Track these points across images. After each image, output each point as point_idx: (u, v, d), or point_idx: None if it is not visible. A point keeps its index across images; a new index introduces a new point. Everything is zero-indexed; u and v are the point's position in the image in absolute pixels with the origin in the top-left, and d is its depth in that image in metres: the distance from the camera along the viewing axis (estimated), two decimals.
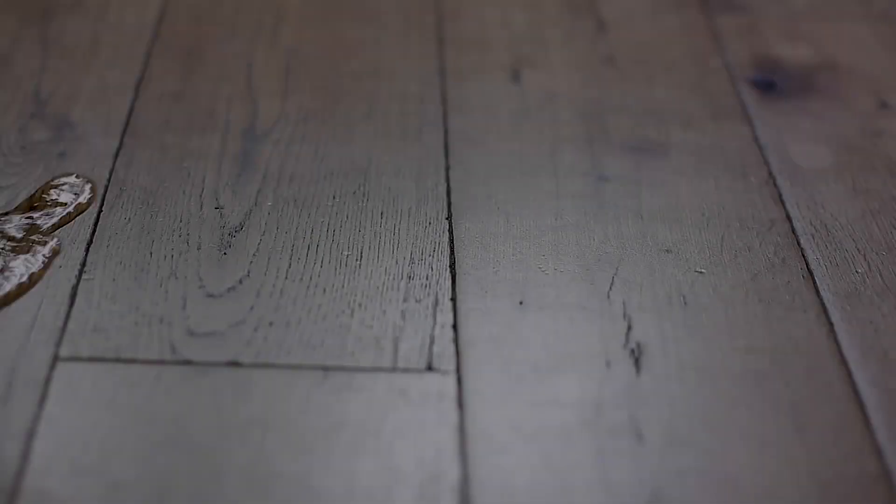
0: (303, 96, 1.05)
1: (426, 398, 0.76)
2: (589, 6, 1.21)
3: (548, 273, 0.86)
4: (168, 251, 0.87)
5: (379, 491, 0.70)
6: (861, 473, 0.73)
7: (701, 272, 0.87)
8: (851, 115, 1.06)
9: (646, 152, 0.99)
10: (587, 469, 0.72)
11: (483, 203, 0.93)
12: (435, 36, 1.15)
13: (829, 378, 0.79)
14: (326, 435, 0.73)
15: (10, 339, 0.79)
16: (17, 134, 0.99)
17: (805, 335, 0.82)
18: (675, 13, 1.20)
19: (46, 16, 1.14)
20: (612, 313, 0.83)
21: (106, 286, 0.84)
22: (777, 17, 1.20)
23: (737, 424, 0.75)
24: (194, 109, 1.02)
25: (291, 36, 1.13)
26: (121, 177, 0.94)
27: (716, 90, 1.08)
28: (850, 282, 0.87)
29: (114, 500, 0.69)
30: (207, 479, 0.71)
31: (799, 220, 0.92)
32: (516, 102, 1.06)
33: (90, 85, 1.05)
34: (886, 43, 1.17)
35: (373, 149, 0.99)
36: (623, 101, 1.06)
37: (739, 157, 0.99)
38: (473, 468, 0.72)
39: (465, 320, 0.82)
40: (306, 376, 0.77)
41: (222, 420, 0.74)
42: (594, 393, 0.77)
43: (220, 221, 0.90)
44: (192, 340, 0.80)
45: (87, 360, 0.78)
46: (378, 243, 0.89)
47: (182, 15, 1.16)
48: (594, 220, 0.92)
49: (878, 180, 0.97)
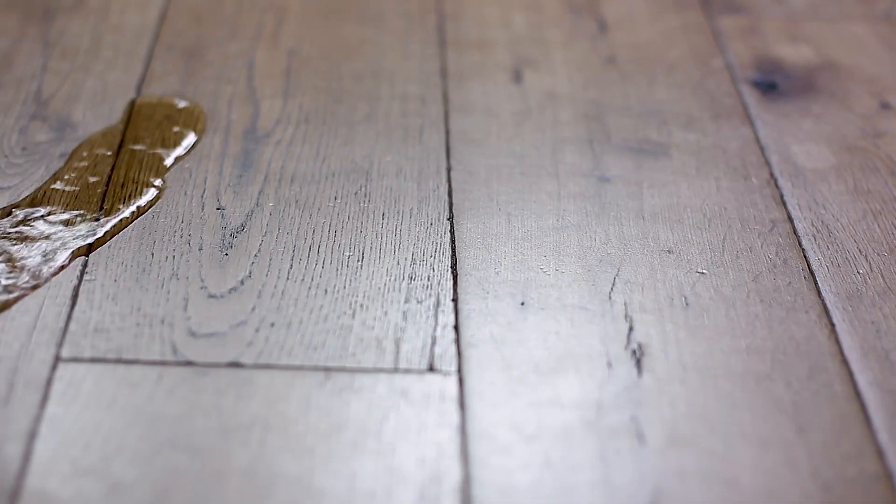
0: (304, 97, 1.05)
1: (428, 399, 0.76)
2: (590, 7, 1.21)
3: (549, 274, 0.86)
4: (169, 252, 0.87)
5: (380, 491, 0.70)
6: (862, 474, 0.73)
7: (702, 273, 0.87)
8: (853, 115, 1.06)
9: (647, 153, 0.99)
10: (588, 469, 0.72)
11: (484, 204, 0.93)
12: (436, 37, 1.15)
13: (831, 379, 0.79)
14: (328, 436, 0.73)
15: (11, 339, 0.79)
16: (18, 135, 0.99)
17: (806, 336, 0.82)
18: (676, 14, 1.20)
19: (47, 16, 1.14)
20: (614, 314, 0.83)
21: (107, 287, 0.84)
22: (778, 17, 1.20)
23: (738, 425, 0.75)
24: (195, 110, 1.02)
25: (292, 36, 1.13)
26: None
27: (717, 91, 1.08)
28: (851, 282, 0.87)
29: (115, 500, 0.69)
30: (209, 480, 0.71)
31: (800, 221, 0.92)
32: (518, 103, 1.06)
33: (91, 85, 1.05)
34: (887, 43, 1.17)
35: (374, 150, 0.99)
36: (624, 102, 1.06)
37: (741, 157, 0.99)
38: (475, 469, 0.72)
39: (467, 321, 0.82)
40: (308, 377, 0.77)
41: (223, 421, 0.74)
42: (595, 393, 0.77)
43: (221, 222, 0.90)
44: (193, 341, 0.80)
45: (89, 361, 0.78)
46: (379, 244, 0.89)
47: (183, 15, 1.16)
48: (595, 221, 0.92)
49: (880, 181, 0.97)
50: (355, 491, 0.70)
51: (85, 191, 0.93)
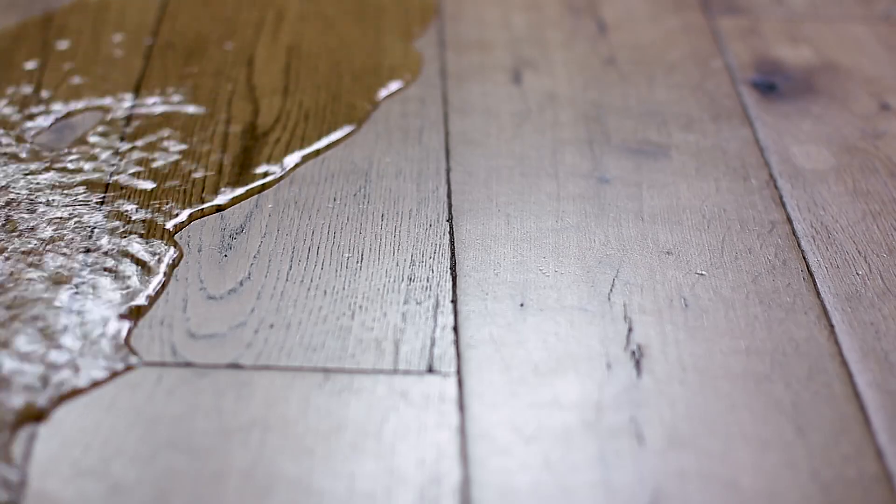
0: (303, 96, 1.05)
1: (427, 400, 0.76)
2: (589, 8, 1.21)
3: (548, 275, 0.86)
4: None
5: (380, 493, 0.70)
6: (861, 475, 0.73)
7: (701, 274, 0.87)
8: (852, 116, 1.06)
9: (646, 154, 0.99)
10: (588, 470, 0.72)
11: (484, 205, 0.93)
12: (436, 37, 1.15)
13: (830, 380, 0.79)
14: (327, 437, 0.74)
15: None
16: (17, 134, 0.99)
17: (806, 337, 0.82)
18: (675, 14, 1.20)
19: (47, 15, 1.14)
20: (613, 315, 0.83)
21: None
22: (778, 18, 1.21)
23: (737, 426, 0.75)
24: (194, 109, 1.02)
25: (292, 35, 1.13)
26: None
27: (716, 92, 1.08)
28: (850, 283, 0.87)
29: (115, 501, 0.69)
30: (208, 481, 0.71)
31: (799, 222, 0.93)
32: (517, 104, 1.06)
33: (91, 85, 1.05)
34: (887, 44, 1.17)
35: (373, 150, 0.99)
36: (624, 103, 1.06)
37: (740, 158, 1.00)
38: (474, 470, 0.72)
39: (466, 322, 0.82)
40: (307, 378, 0.77)
41: (223, 422, 0.74)
42: (595, 394, 0.77)
43: (220, 223, 0.90)
44: (192, 342, 0.80)
45: None
46: (379, 245, 0.89)
47: (182, 14, 1.16)
48: (595, 222, 0.92)
49: (879, 182, 0.98)
50: (355, 492, 0.70)
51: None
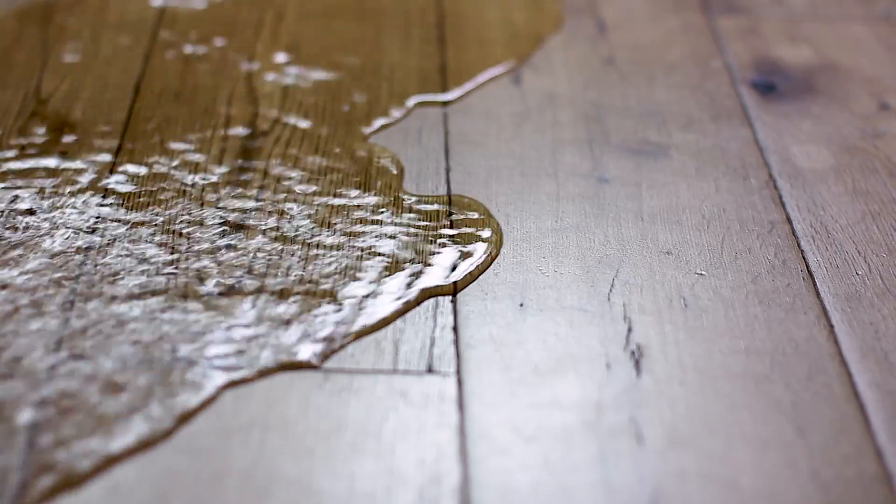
0: (303, 96, 1.05)
1: (427, 400, 0.76)
2: (589, 7, 1.21)
3: (548, 275, 0.86)
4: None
5: (379, 493, 0.70)
6: (861, 475, 0.73)
7: (701, 274, 0.87)
8: (852, 116, 1.06)
9: (646, 154, 0.99)
10: (588, 470, 0.72)
11: (483, 205, 0.93)
12: (436, 36, 1.15)
13: (830, 380, 0.79)
14: (327, 437, 0.74)
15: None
16: (17, 134, 0.99)
17: (805, 337, 0.82)
18: (675, 14, 1.20)
19: (46, 15, 1.14)
20: (613, 315, 0.83)
21: None
22: (777, 18, 1.21)
23: (737, 426, 0.75)
24: (194, 108, 1.02)
25: (292, 35, 1.13)
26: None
27: (716, 92, 1.08)
28: (850, 284, 0.87)
29: (115, 501, 0.69)
30: (208, 481, 0.71)
31: (799, 222, 0.93)
32: (517, 104, 1.06)
33: (90, 84, 1.05)
34: (887, 44, 1.17)
35: (373, 150, 0.99)
36: (623, 103, 1.06)
37: (740, 158, 0.99)
38: (474, 470, 0.72)
39: (466, 322, 0.82)
40: (307, 378, 0.77)
41: (223, 422, 0.74)
42: (594, 394, 0.77)
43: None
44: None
45: None
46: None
47: (182, 14, 1.15)
48: (594, 222, 0.92)
49: (879, 182, 0.98)
50: (355, 492, 0.70)
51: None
